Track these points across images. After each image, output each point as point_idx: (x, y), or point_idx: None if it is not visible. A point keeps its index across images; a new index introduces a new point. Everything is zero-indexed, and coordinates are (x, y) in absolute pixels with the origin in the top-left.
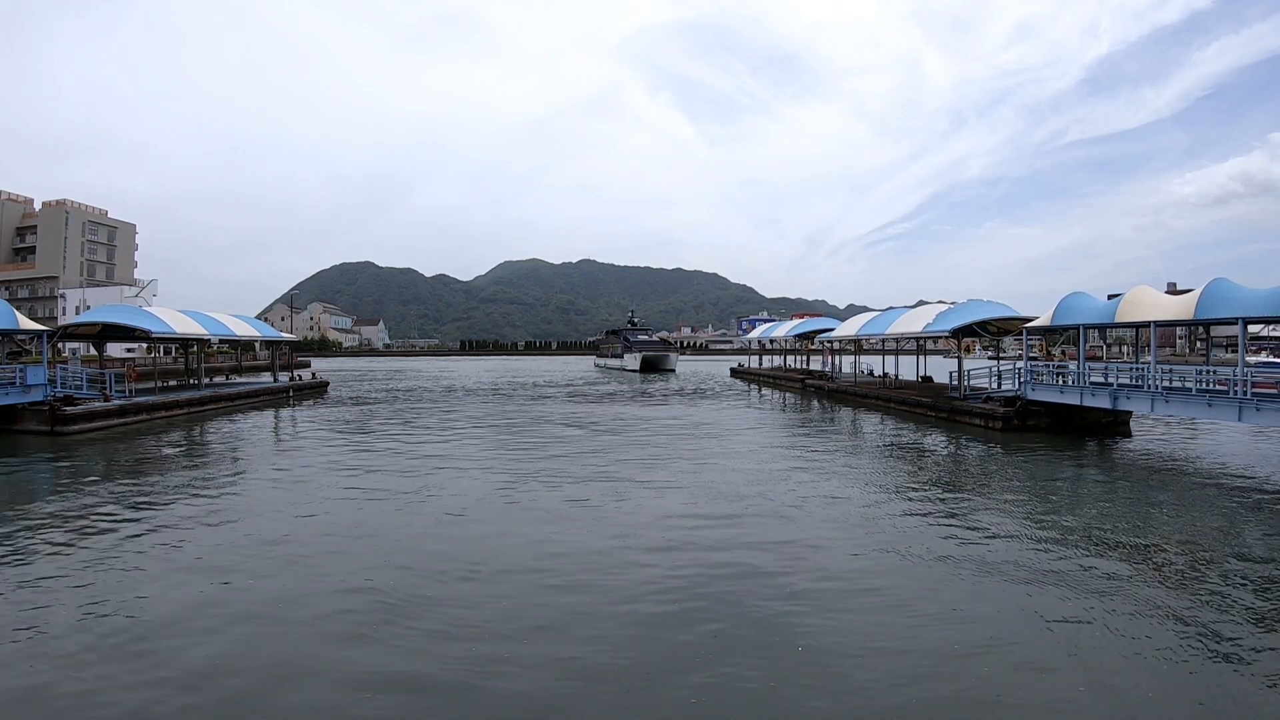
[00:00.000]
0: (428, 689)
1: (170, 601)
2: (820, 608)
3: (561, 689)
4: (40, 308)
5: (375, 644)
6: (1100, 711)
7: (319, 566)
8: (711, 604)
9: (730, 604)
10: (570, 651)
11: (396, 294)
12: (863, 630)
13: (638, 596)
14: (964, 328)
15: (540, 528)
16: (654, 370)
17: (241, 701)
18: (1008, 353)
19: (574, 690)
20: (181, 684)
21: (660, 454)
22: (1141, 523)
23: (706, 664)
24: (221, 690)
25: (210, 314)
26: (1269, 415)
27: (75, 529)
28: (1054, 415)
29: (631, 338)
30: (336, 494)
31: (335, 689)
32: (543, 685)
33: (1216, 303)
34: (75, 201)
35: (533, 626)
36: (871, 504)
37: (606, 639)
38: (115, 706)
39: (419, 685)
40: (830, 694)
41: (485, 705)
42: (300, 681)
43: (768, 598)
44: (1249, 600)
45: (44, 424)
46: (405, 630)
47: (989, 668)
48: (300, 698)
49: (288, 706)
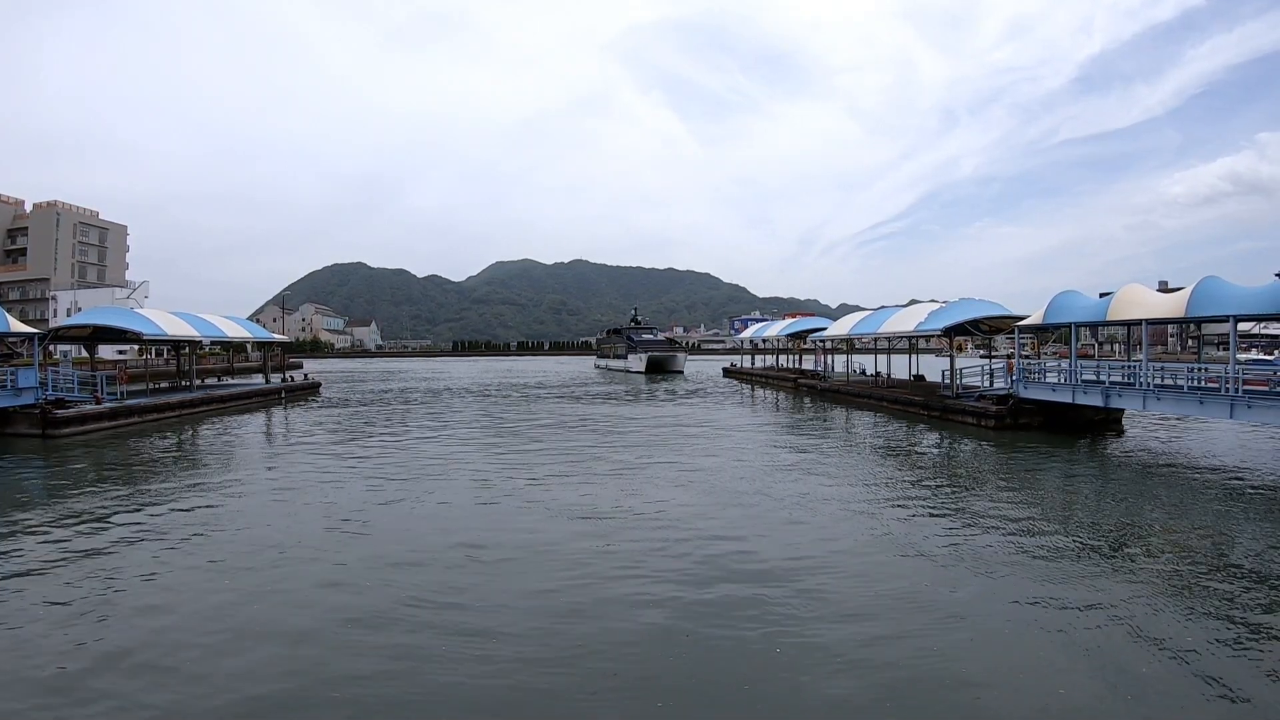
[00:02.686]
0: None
1: (157, 606)
2: (804, 599)
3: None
4: (31, 310)
5: (373, 643)
6: (1100, 710)
7: (311, 569)
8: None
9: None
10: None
11: (389, 294)
12: (847, 632)
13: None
14: (956, 326)
15: (550, 526)
16: (661, 372)
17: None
18: (1000, 351)
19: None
20: (163, 690)
21: (658, 453)
22: (1134, 518)
23: (705, 659)
24: (206, 699)
25: (202, 315)
26: (1260, 412)
27: (64, 533)
28: (1046, 413)
29: (636, 337)
30: (333, 496)
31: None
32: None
33: (1207, 301)
34: (66, 203)
35: (573, 644)
36: (863, 502)
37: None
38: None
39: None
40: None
41: (482, 699)
42: (293, 682)
43: (753, 593)
44: (1239, 593)
45: (35, 427)
46: (404, 635)
47: (984, 664)
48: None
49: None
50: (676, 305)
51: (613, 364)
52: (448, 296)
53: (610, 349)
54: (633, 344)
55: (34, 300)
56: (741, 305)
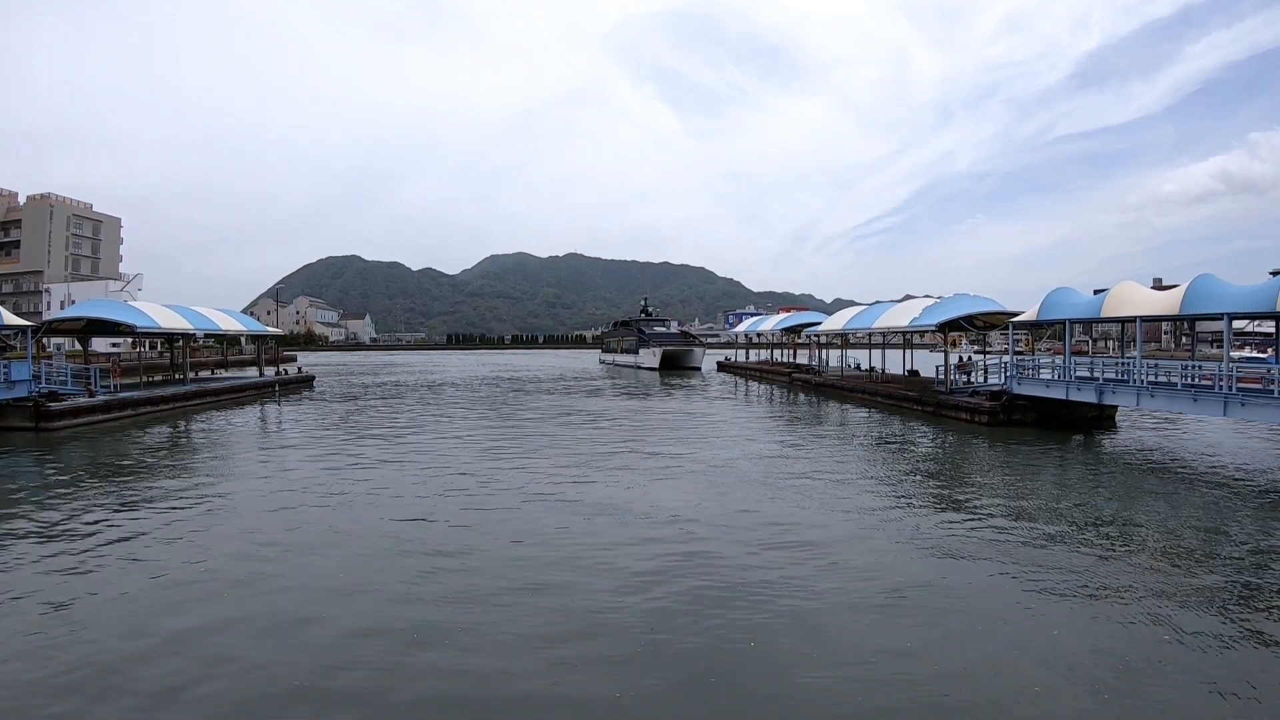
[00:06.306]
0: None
1: (149, 603)
2: (792, 590)
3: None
4: (25, 303)
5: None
6: (1085, 705)
7: (305, 566)
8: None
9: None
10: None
11: (383, 288)
12: (835, 623)
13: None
14: (950, 322)
15: (555, 523)
16: (676, 368)
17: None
18: (994, 347)
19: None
20: (149, 692)
21: (655, 451)
22: (1127, 514)
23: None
24: (193, 695)
25: (196, 309)
26: (1253, 410)
27: (56, 527)
28: (1040, 410)
29: (647, 330)
30: (329, 492)
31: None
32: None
33: (1202, 298)
34: (60, 195)
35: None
36: (854, 496)
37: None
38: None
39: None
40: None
41: (477, 695)
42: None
43: (744, 584)
44: (1230, 588)
45: (28, 420)
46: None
47: (971, 656)
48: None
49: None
50: (671, 299)
51: (620, 359)
52: (442, 290)
53: (618, 343)
54: (644, 337)
55: (27, 293)
56: (736, 299)
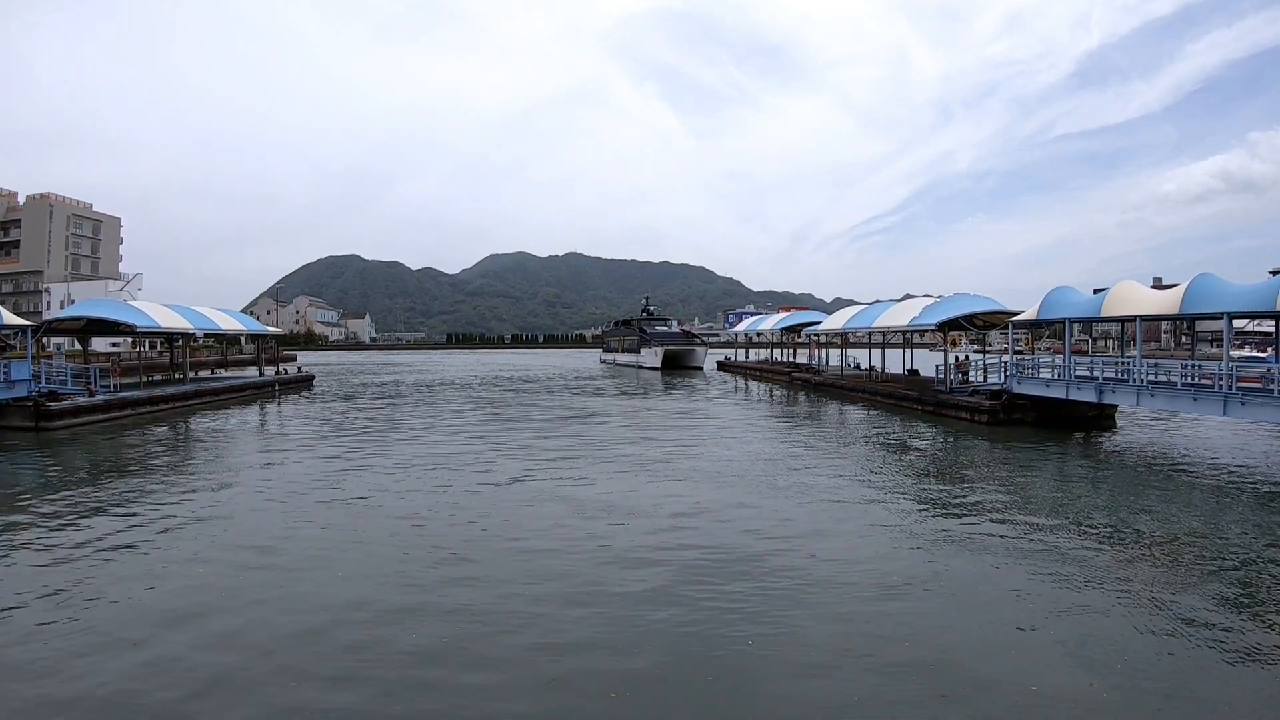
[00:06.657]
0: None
1: (149, 605)
2: (790, 587)
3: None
4: (24, 302)
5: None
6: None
7: (304, 568)
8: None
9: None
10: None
11: (383, 287)
12: (833, 621)
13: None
14: (950, 321)
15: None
16: (678, 368)
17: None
18: (994, 347)
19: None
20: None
21: (656, 450)
22: (1126, 512)
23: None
24: (193, 698)
25: (195, 308)
26: (1253, 409)
27: (54, 526)
28: (1040, 409)
29: (649, 329)
30: (329, 492)
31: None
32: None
33: (1202, 298)
34: (60, 195)
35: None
36: (853, 493)
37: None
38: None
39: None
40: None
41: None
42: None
43: (740, 581)
44: (1228, 587)
45: (28, 420)
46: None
47: (967, 653)
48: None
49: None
50: (671, 299)
51: (621, 359)
52: (442, 289)
53: (619, 342)
54: (646, 337)
55: (27, 293)
56: (736, 299)
